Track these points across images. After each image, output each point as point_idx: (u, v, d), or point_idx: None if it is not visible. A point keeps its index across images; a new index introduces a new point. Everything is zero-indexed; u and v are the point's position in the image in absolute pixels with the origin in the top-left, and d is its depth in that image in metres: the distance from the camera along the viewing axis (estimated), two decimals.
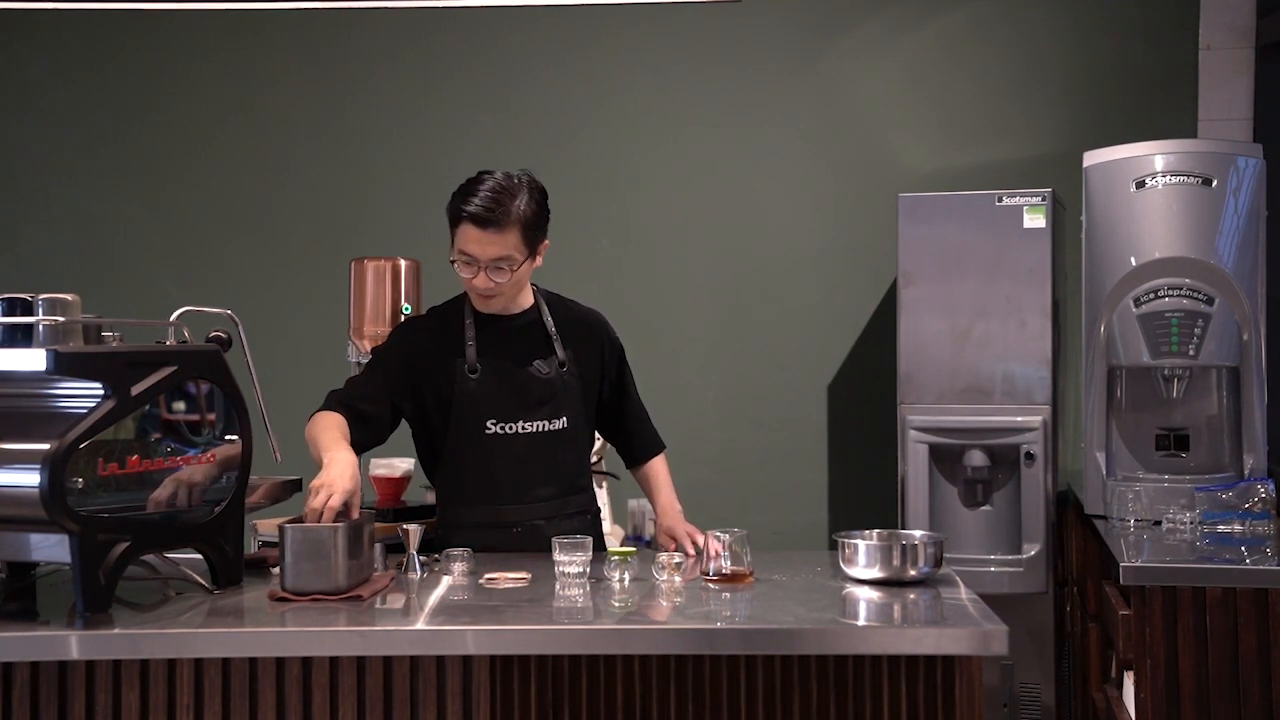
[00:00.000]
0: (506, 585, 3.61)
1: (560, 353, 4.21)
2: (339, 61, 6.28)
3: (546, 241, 4.18)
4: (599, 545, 4.19)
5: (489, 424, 4.13)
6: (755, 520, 5.58)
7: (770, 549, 4.07)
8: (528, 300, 4.28)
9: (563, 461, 4.17)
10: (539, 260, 4.18)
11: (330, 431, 3.91)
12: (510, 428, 4.12)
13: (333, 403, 4.07)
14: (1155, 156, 4.79)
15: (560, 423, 4.17)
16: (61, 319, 3.32)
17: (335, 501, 3.56)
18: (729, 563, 3.69)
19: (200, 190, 6.32)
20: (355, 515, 3.62)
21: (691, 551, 4.04)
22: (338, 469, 3.68)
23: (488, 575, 3.69)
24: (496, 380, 4.15)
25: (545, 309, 4.28)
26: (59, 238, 6.35)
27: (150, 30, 6.32)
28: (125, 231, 6.33)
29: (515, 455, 4.15)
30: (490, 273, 4.05)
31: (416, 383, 4.17)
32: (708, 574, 3.72)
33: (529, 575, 3.69)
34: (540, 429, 4.15)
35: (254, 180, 6.31)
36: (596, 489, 4.72)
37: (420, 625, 3.26)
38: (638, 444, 4.45)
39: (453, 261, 4.10)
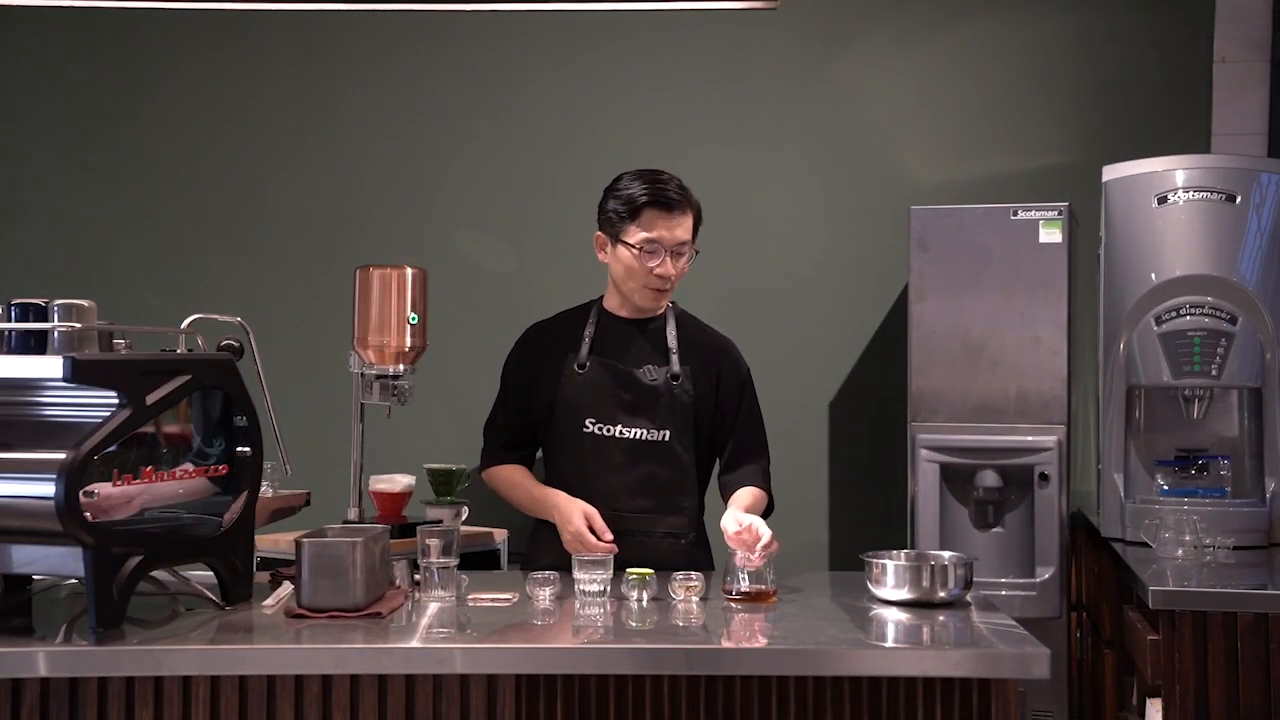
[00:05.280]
0: (486, 605, 3.57)
1: (676, 365, 4.14)
2: (333, 65, 6.17)
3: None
4: (689, 569, 3.91)
5: (587, 423, 4.12)
6: None
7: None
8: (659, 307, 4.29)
9: (660, 476, 4.10)
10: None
11: (523, 484, 4.25)
12: (608, 430, 4.09)
13: (498, 453, 4.35)
14: (1177, 172, 4.72)
15: (662, 434, 4.10)
16: (78, 325, 3.23)
17: (583, 531, 3.95)
18: (752, 581, 3.62)
19: (188, 197, 6.18)
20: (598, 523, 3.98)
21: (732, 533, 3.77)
22: (563, 509, 4.04)
23: (472, 595, 3.64)
24: (602, 378, 4.15)
25: (671, 321, 4.26)
26: (36, 242, 6.20)
27: (140, 33, 6.20)
28: (106, 237, 6.19)
29: (611, 461, 4.12)
30: (674, 258, 4.12)
31: (530, 383, 4.24)
32: (730, 592, 3.64)
33: (513, 596, 3.63)
34: (639, 437, 4.09)
35: (242, 186, 6.17)
36: None
37: (443, 643, 3.17)
38: (732, 480, 4.25)
39: (627, 245, 4.15)
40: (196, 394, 3.41)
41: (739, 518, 3.78)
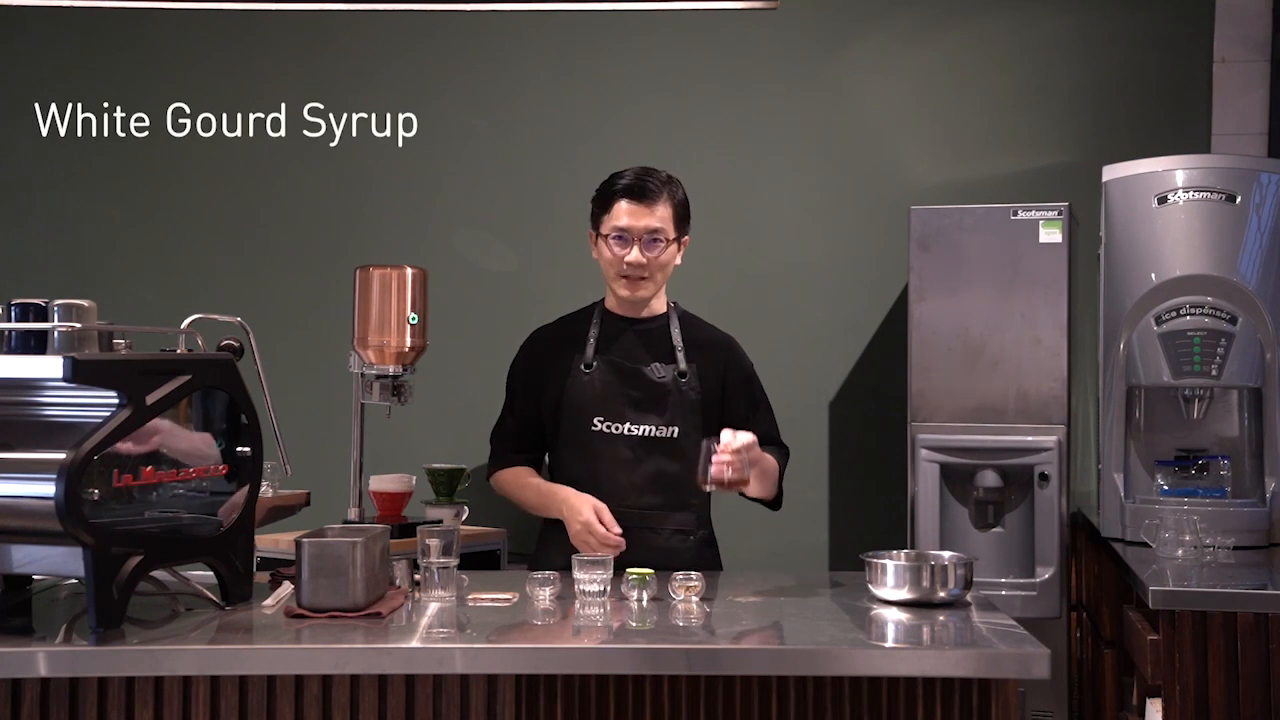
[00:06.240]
0: (486, 605, 3.56)
1: (682, 363, 4.15)
2: (333, 65, 6.16)
3: (687, 238, 4.26)
4: (698, 566, 3.94)
5: (595, 421, 4.14)
6: (754, 542, 5.50)
7: (770, 570, 3.98)
8: (660, 306, 4.30)
9: (670, 472, 4.11)
10: (680, 253, 4.25)
11: (530, 482, 4.26)
12: (617, 427, 4.11)
13: (506, 456, 4.34)
14: (1177, 171, 4.71)
15: (670, 431, 4.12)
16: (78, 325, 3.22)
17: (593, 522, 3.95)
18: (729, 471, 3.69)
19: (188, 197, 6.17)
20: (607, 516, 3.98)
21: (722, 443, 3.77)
22: (571, 503, 4.03)
23: (472, 595, 3.64)
24: (609, 377, 4.17)
25: (675, 320, 4.27)
26: (36, 242, 6.19)
27: (141, 33, 6.19)
28: (106, 237, 6.18)
29: (620, 458, 4.13)
30: (644, 247, 4.13)
31: (537, 385, 4.25)
32: (704, 480, 3.72)
33: (513, 596, 3.62)
34: (648, 434, 4.11)
35: (243, 186, 6.17)
36: None
37: (443, 643, 3.16)
38: None
39: (603, 237, 4.19)
40: (196, 394, 3.40)
41: (740, 436, 3.79)
